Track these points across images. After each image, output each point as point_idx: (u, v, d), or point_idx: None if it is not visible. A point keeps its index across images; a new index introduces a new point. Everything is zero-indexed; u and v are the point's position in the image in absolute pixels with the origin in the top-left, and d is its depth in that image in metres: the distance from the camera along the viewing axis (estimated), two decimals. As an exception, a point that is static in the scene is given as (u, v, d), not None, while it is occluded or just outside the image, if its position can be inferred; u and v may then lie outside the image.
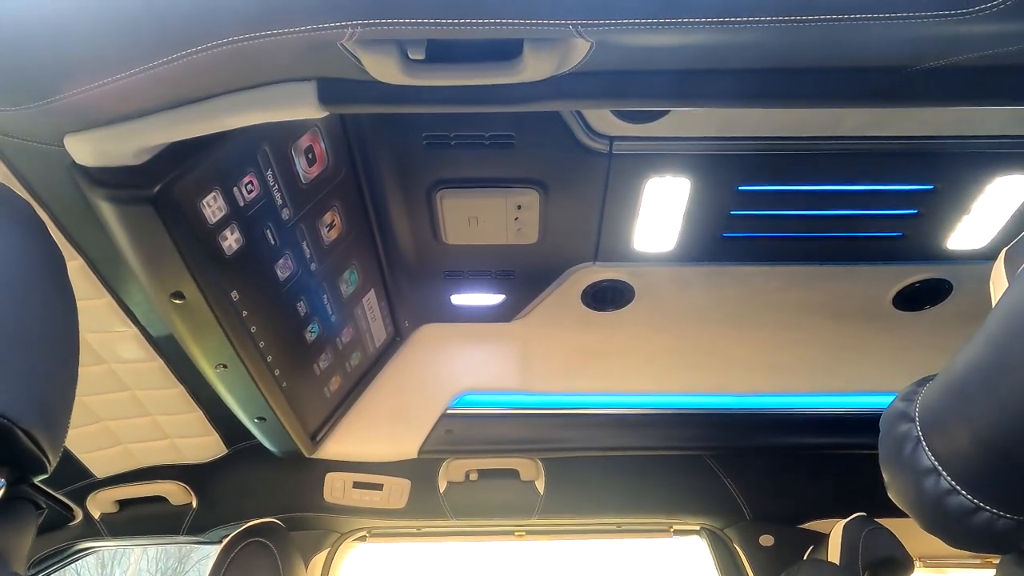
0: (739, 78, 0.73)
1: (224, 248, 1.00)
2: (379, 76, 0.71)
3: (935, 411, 0.59)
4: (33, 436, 0.55)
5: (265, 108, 0.77)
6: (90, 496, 1.65)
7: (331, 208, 1.20)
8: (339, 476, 1.68)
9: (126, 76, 0.65)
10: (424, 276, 1.52)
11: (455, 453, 1.67)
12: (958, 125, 1.17)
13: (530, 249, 1.42)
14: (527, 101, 0.76)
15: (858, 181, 1.28)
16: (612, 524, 1.77)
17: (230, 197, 0.97)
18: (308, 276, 1.22)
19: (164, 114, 0.77)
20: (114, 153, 0.81)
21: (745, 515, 1.71)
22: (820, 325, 1.59)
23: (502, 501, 1.72)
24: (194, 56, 0.63)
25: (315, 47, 0.65)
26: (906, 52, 0.68)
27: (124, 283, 1.12)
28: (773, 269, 1.47)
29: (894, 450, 0.63)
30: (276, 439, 1.46)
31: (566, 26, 0.61)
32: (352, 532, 1.77)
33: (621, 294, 1.54)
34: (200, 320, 1.05)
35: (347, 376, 1.53)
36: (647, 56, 0.70)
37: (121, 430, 1.50)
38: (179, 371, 1.35)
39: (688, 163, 1.23)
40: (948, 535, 0.60)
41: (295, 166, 1.07)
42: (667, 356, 1.64)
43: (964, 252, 1.41)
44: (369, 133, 1.17)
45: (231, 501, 1.69)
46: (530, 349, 1.66)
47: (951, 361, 0.59)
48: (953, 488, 0.56)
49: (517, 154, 1.22)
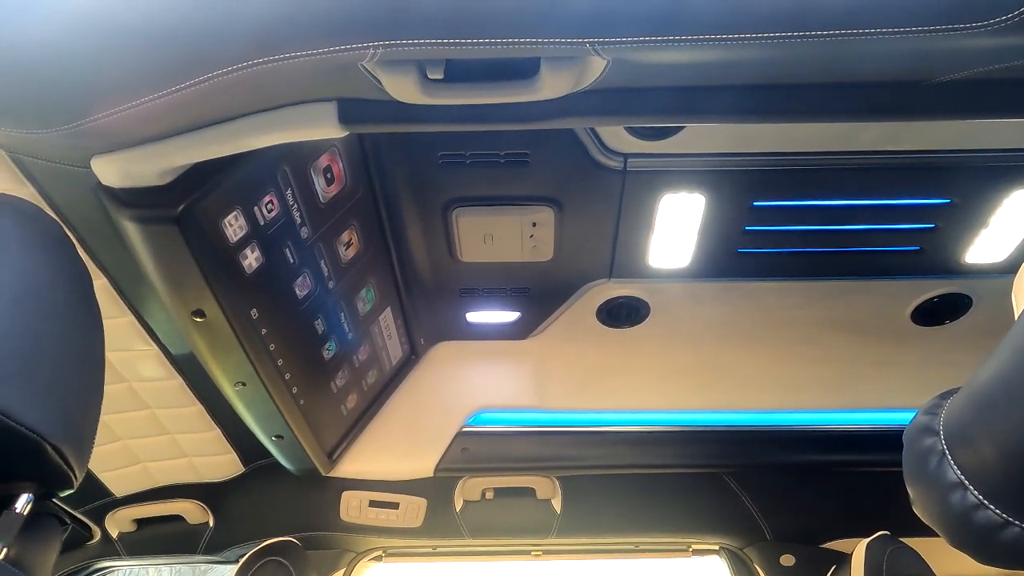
0: (754, 94, 0.73)
1: (244, 266, 1.02)
2: (398, 96, 0.73)
3: (960, 424, 0.59)
4: (61, 451, 0.56)
5: (286, 128, 0.79)
6: (109, 515, 1.66)
7: (349, 227, 1.22)
8: (355, 495, 1.68)
9: (154, 98, 0.67)
10: (439, 294, 1.53)
11: (471, 471, 1.66)
12: (974, 138, 1.16)
13: (545, 266, 1.43)
14: (544, 119, 0.77)
15: (873, 195, 1.27)
16: (630, 544, 1.75)
17: (251, 216, 0.98)
18: (326, 294, 1.23)
19: (188, 135, 0.78)
20: (139, 174, 0.83)
21: (765, 535, 1.68)
22: (838, 341, 1.58)
23: (518, 520, 1.71)
24: (220, 78, 0.65)
25: (336, 68, 0.67)
26: (919, 67, 0.69)
27: (146, 302, 1.13)
28: (789, 285, 1.46)
29: (918, 465, 0.62)
30: (293, 457, 1.47)
31: (583, 44, 0.62)
32: (368, 551, 1.77)
33: (636, 311, 1.54)
34: (220, 338, 1.06)
35: (363, 394, 1.54)
36: (662, 73, 0.70)
37: (140, 449, 1.51)
38: (198, 389, 1.36)
39: (702, 179, 1.23)
40: (976, 551, 0.59)
41: (314, 186, 1.08)
42: (683, 373, 1.63)
43: (983, 266, 1.40)
44: (386, 152, 1.19)
45: (248, 520, 1.69)
46: (545, 366, 1.66)
47: (975, 373, 0.58)
48: (980, 503, 0.55)
49: (532, 172, 1.23)
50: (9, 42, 0.61)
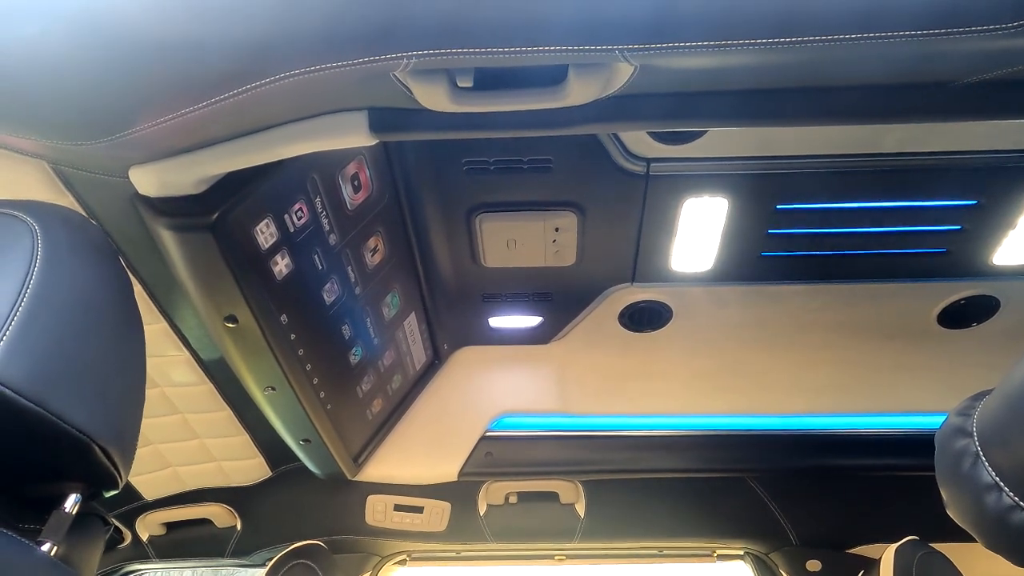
0: (786, 97, 0.74)
1: (275, 273, 1.04)
2: (428, 104, 0.74)
3: (994, 425, 0.58)
4: (108, 452, 0.58)
5: (318, 138, 0.80)
6: (139, 519, 1.69)
7: (375, 233, 1.23)
8: (380, 499, 1.69)
9: (193, 110, 0.69)
10: (463, 299, 1.54)
11: (495, 475, 1.67)
12: (1001, 139, 1.16)
13: (568, 271, 1.44)
14: (570, 125, 0.78)
15: (899, 197, 1.27)
16: (653, 548, 1.75)
17: (281, 223, 1.00)
18: (352, 300, 1.25)
19: (223, 145, 0.80)
20: (175, 184, 0.85)
21: (791, 539, 1.67)
22: (863, 344, 1.57)
23: (542, 524, 1.71)
24: (257, 90, 0.67)
25: (369, 78, 0.68)
26: (946, 68, 0.69)
27: (178, 309, 1.16)
28: (814, 288, 1.45)
29: (952, 467, 0.62)
30: (320, 461, 1.49)
31: (612, 51, 0.63)
32: (393, 555, 1.78)
33: (659, 315, 1.54)
34: (251, 343, 1.08)
35: (388, 399, 1.55)
36: (689, 78, 0.71)
37: (171, 453, 1.54)
38: (227, 394, 1.38)
39: (725, 183, 1.23)
40: (1012, 553, 0.59)
41: (342, 193, 1.10)
42: (706, 376, 1.62)
43: (1011, 268, 1.38)
44: (412, 160, 1.21)
45: (274, 524, 1.72)
46: (568, 371, 1.66)
47: (1008, 374, 0.58)
48: (1016, 504, 0.55)
49: (555, 177, 1.24)
50: (55, 57, 0.63)
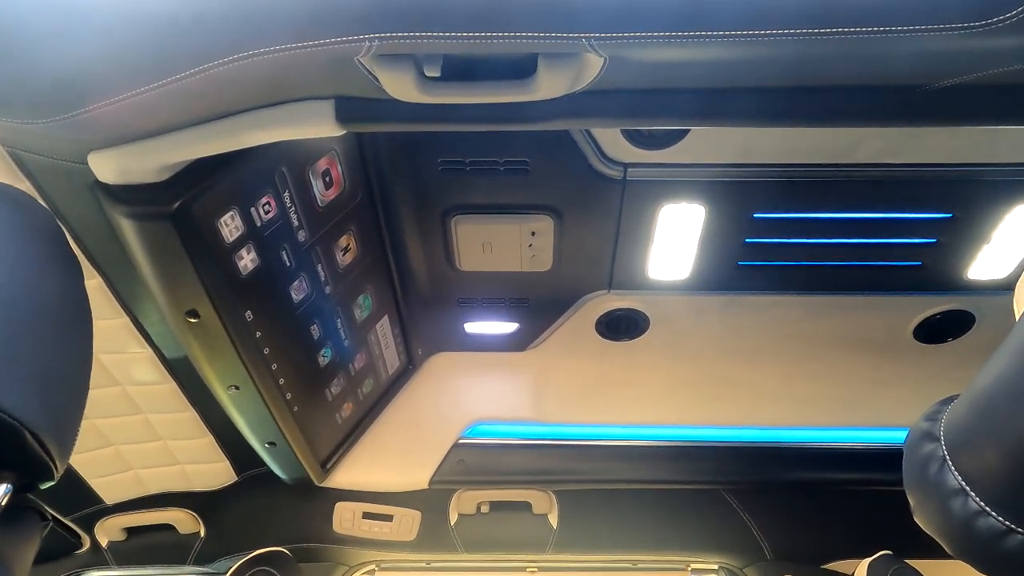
0: (757, 96, 0.73)
1: (240, 267, 1.01)
2: (395, 94, 0.73)
3: (961, 429, 0.57)
4: (42, 440, 0.55)
5: (284, 126, 0.78)
6: (99, 523, 1.64)
7: (347, 232, 1.21)
8: (349, 506, 1.66)
9: (148, 89, 0.67)
10: (438, 303, 1.52)
11: (467, 484, 1.64)
12: (976, 152, 1.16)
13: (544, 277, 1.42)
14: (542, 120, 0.77)
15: (875, 209, 1.27)
16: (627, 561, 1.72)
17: (247, 217, 0.98)
18: (322, 299, 1.23)
19: (186, 131, 0.78)
20: (136, 170, 0.83)
21: (766, 554, 1.66)
22: (840, 357, 1.56)
23: (514, 535, 1.68)
24: (219, 68, 0.65)
25: (332, 62, 0.67)
26: (921, 69, 0.68)
27: (141, 304, 1.13)
28: (790, 299, 1.45)
29: (919, 472, 0.61)
30: (286, 465, 1.45)
31: (579, 40, 0.62)
32: (361, 565, 1.74)
33: (636, 323, 1.53)
34: (214, 339, 1.05)
35: (359, 403, 1.52)
36: (662, 73, 0.70)
37: (132, 455, 1.49)
38: (191, 395, 1.35)
39: (703, 190, 1.23)
40: (978, 560, 0.57)
41: (312, 189, 1.08)
42: (683, 387, 1.61)
43: (986, 283, 1.38)
44: (385, 158, 1.19)
45: (239, 530, 1.67)
46: (544, 379, 1.64)
47: (976, 378, 0.57)
48: (982, 509, 0.54)
49: (532, 180, 1.23)
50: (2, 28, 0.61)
